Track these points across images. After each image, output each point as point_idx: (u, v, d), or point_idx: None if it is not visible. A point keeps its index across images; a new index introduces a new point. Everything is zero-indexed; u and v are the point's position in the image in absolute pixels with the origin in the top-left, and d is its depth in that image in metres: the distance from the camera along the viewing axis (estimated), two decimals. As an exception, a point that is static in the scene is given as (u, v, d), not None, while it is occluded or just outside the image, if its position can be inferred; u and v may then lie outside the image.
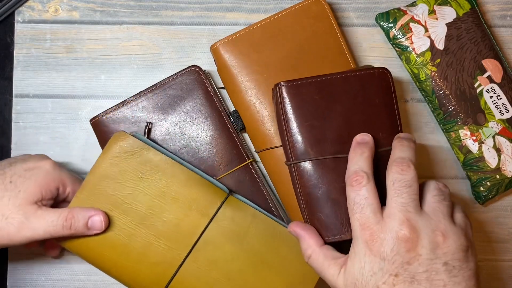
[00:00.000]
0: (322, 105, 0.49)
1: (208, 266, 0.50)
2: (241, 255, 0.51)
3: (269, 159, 0.55)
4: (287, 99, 0.49)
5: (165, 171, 0.51)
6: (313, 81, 0.50)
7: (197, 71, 0.55)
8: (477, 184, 0.56)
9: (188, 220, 0.50)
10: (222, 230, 0.51)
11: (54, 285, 0.58)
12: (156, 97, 0.55)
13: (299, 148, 0.49)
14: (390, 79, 0.51)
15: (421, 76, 0.56)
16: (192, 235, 0.50)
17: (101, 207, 0.50)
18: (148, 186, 0.50)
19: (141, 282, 0.51)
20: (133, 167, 0.50)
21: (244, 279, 0.50)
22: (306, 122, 0.49)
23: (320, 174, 0.49)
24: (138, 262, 0.50)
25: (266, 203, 0.55)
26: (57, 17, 0.59)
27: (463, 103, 0.56)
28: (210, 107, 0.55)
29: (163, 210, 0.50)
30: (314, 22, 0.56)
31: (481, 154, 0.55)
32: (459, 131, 0.56)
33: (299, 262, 0.51)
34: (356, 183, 0.44)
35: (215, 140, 0.55)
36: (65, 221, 0.48)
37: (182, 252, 0.50)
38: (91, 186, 0.50)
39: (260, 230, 0.51)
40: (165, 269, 0.50)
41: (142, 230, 0.50)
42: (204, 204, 0.51)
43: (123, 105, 0.55)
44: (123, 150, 0.51)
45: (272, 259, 0.51)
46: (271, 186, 0.57)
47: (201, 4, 0.59)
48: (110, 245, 0.50)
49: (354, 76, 0.50)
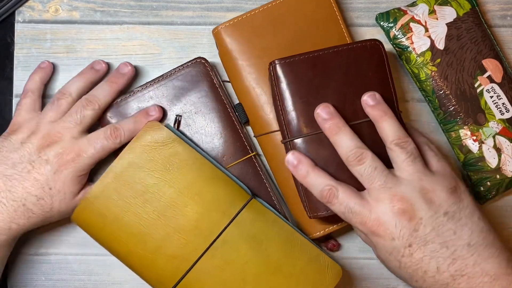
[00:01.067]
0: (316, 80, 0.50)
1: (224, 266, 0.50)
2: (257, 259, 0.50)
3: (267, 144, 0.55)
4: (281, 77, 0.50)
5: (192, 166, 0.51)
6: (306, 58, 0.50)
7: (203, 63, 0.55)
8: (478, 184, 0.56)
9: (209, 217, 0.50)
10: (242, 232, 0.50)
11: (55, 285, 0.58)
12: (162, 88, 0.55)
13: (295, 125, 0.50)
14: (383, 51, 0.51)
15: (421, 76, 0.56)
16: (211, 233, 0.50)
17: (124, 193, 0.50)
18: (174, 179, 0.50)
19: (155, 272, 0.50)
20: (162, 158, 0.50)
21: (258, 283, 0.50)
22: (301, 99, 0.50)
23: (317, 149, 0.49)
24: (154, 252, 0.50)
25: (269, 197, 0.55)
26: (57, 17, 0.59)
27: (464, 103, 0.55)
28: (216, 99, 0.55)
29: (186, 205, 0.50)
30: (316, 8, 0.55)
31: (481, 154, 0.55)
32: (459, 131, 0.56)
33: (313, 274, 0.51)
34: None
35: (219, 132, 0.55)
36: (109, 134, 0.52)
37: (200, 248, 0.50)
38: (118, 171, 0.50)
39: (279, 237, 0.51)
40: (180, 263, 0.50)
41: (162, 221, 0.50)
42: (227, 204, 0.51)
43: (130, 96, 0.55)
44: (154, 140, 0.51)
45: (288, 268, 0.50)
46: (273, 180, 0.57)
47: (201, 4, 0.59)
48: (129, 232, 0.50)
49: (346, 49, 0.50)
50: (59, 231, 0.58)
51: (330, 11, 0.56)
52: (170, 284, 0.50)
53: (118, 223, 0.50)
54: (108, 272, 0.58)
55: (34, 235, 0.57)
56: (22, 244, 0.57)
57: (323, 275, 0.51)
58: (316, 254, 0.51)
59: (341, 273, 0.51)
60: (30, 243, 0.57)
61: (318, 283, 0.51)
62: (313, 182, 0.48)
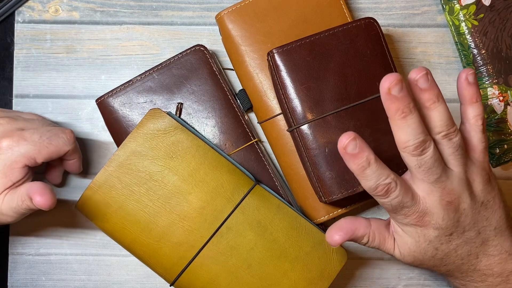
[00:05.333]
0: (315, 65, 0.50)
1: (229, 252, 0.50)
2: (263, 244, 0.51)
3: (271, 129, 0.55)
4: (280, 65, 0.50)
5: (196, 153, 0.51)
6: (303, 43, 0.50)
7: (202, 50, 0.55)
8: (494, 146, 0.57)
9: (213, 204, 0.50)
10: (246, 218, 0.51)
11: (55, 285, 0.57)
12: (161, 77, 0.55)
13: (299, 112, 0.50)
14: (378, 28, 0.52)
15: (461, 29, 0.57)
16: (216, 219, 0.50)
17: (128, 181, 0.50)
18: (178, 167, 0.51)
19: (160, 260, 0.50)
20: (165, 146, 0.51)
21: (263, 268, 0.50)
22: (302, 85, 0.50)
23: (325, 133, 0.50)
24: (160, 240, 0.50)
25: (272, 183, 0.55)
26: (57, 17, 0.59)
27: (497, 62, 0.56)
28: (216, 87, 0.55)
29: (190, 192, 0.50)
30: None
31: (504, 116, 0.56)
32: (487, 89, 0.56)
33: (318, 258, 0.51)
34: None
35: (221, 120, 0.55)
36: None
37: (205, 235, 0.50)
38: (121, 160, 0.50)
39: (283, 222, 0.51)
40: (186, 250, 0.50)
41: (167, 209, 0.50)
42: (231, 191, 0.51)
43: (129, 85, 0.55)
44: (156, 127, 0.51)
45: (293, 253, 0.51)
46: (276, 165, 0.57)
47: (201, 4, 0.59)
48: (133, 220, 0.50)
49: (342, 31, 0.51)
50: (59, 231, 0.58)
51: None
52: (176, 271, 0.50)
53: (123, 211, 0.50)
54: (108, 272, 0.58)
55: (34, 235, 0.57)
56: (22, 244, 0.57)
57: (329, 259, 0.51)
58: (321, 239, 0.51)
59: (346, 257, 0.51)
60: (30, 243, 0.57)
61: (323, 267, 0.51)
62: (373, 175, 0.42)
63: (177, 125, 0.51)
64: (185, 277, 0.51)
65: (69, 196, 0.58)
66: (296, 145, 0.52)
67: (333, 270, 0.51)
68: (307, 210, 0.55)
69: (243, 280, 0.50)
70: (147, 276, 0.57)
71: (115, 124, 0.55)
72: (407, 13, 0.59)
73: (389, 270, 0.58)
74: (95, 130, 0.58)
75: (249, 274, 0.50)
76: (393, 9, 0.60)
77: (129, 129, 0.54)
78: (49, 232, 0.57)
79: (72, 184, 0.58)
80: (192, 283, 0.51)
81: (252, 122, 0.58)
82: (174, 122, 0.51)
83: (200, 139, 0.52)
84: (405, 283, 0.58)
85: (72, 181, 0.58)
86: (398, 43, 0.59)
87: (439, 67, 0.59)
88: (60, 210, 0.57)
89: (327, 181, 0.50)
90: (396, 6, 0.59)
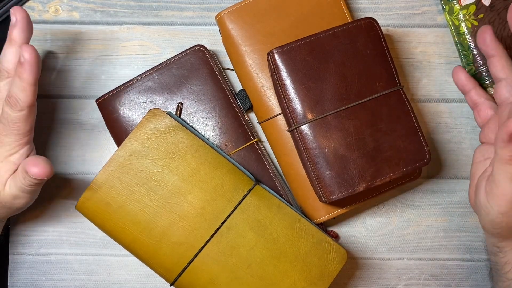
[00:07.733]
0: (315, 65, 0.50)
1: (229, 252, 0.50)
2: (263, 244, 0.51)
3: (271, 129, 0.55)
4: (280, 65, 0.50)
5: (196, 153, 0.51)
6: (303, 43, 0.50)
7: (202, 50, 0.55)
8: None
9: (213, 204, 0.51)
10: (246, 218, 0.51)
11: (55, 285, 0.58)
12: (161, 77, 0.55)
13: (299, 112, 0.50)
14: (378, 28, 0.52)
15: (460, 29, 0.57)
16: (216, 219, 0.51)
17: (128, 181, 0.50)
18: (178, 167, 0.51)
19: (160, 260, 0.50)
20: (165, 146, 0.51)
21: (263, 268, 0.51)
22: (302, 85, 0.50)
23: (325, 133, 0.50)
24: (160, 240, 0.50)
25: (272, 183, 0.55)
26: (57, 17, 0.59)
27: None
28: (216, 87, 0.55)
29: (190, 192, 0.51)
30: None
31: None
32: (487, 89, 0.56)
33: (318, 258, 0.51)
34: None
35: (221, 120, 0.55)
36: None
37: (205, 235, 0.50)
38: (121, 160, 0.50)
39: (283, 222, 0.51)
40: (186, 249, 0.50)
41: (167, 209, 0.50)
42: (231, 190, 0.51)
43: (129, 85, 0.55)
44: (157, 128, 0.51)
45: (293, 253, 0.51)
46: (276, 165, 0.57)
47: (201, 4, 0.59)
48: (133, 220, 0.50)
49: (341, 31, 0.51)
50: (59, 231, 0.58)
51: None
52: (176, 270, 0.50)
53: (123, 211, 0.50)
54: (108, 272, 0.58)
55: (34, 235, 0.58)
56: (22, 244, 0.57)
57: (328, 259, 0.51)
58: (320, 238, 0.51)
59: (346, 256, 0.51)
60: (30, 243, 0.58)
61: (323, 266, 0.51)
62: None
63: (177, 125, 0.51)
64: (185, 277, 0.51)
65: (69, 196, 0.58)
66: (296, 145, 0.52)
67: (333, 270, 0.51)
68: (307, 210, 0.55)
69: (243, 280, 0.50)
70: (147, 276, 0.58)
71: (115, 124, 0.55)
72: (407, 13, 0.60)
73: (389, 270, 0.58)
74: (95, 130, 0.58)
75: (249, 274, 0.50)
76: (393, 9, 0.60)
77: (129, 129, 0.54)
78: (49, 232, 0.58)
79: (73, 184, 0.58)
80: (192, 283, 0.51)
81: (252, 122, 0.58)
82: (174, 122, 0.51)
83: (200, 139, 0.52)
84: (405, 283, 0.58)
85: (72, 182, 0.58)
86: (398, 43, 0.59)
87: (439, 67, 0.59)
88: (60, 210, 0.57)
89: (327, 181, 0.50)
90: (396, 6, 0.59)
